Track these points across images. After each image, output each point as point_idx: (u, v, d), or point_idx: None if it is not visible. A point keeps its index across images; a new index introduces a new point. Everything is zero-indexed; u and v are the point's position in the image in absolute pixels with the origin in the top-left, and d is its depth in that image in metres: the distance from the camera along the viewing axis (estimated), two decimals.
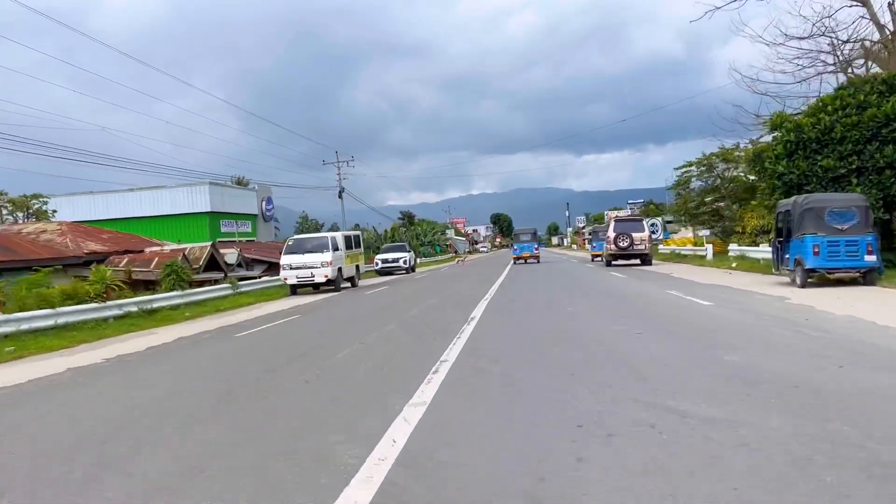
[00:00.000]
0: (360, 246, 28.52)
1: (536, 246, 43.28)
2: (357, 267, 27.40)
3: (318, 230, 66.01)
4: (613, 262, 29.46)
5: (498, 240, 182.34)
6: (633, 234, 28.22)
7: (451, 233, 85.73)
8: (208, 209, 45.09)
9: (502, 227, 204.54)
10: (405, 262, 38.39)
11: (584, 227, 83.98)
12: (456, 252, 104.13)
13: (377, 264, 38.49)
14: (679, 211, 33.87)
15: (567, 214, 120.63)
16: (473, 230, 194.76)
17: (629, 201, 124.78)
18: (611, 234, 28.64)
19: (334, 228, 77.47)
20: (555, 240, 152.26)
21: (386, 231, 64.91)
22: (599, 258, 38.09)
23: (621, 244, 28.20)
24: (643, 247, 28.41)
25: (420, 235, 68.39)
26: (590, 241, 53.06)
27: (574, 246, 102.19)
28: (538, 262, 40.88)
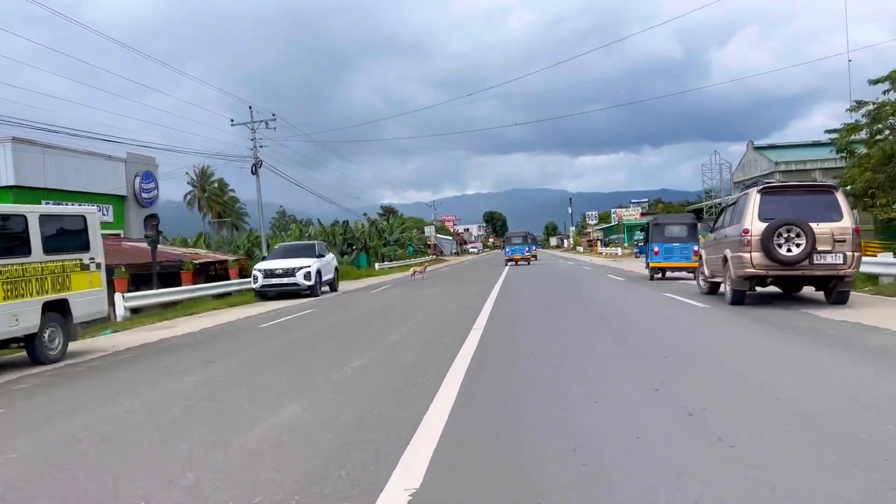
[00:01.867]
0: (83, 247, 10.28)
1: (527, 248, 42.60)
2: (44, 308, 9.36)
3: (300, 232, 47.67)
4: (749, 292, 11.71)
5: (491, 240, 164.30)
6: (818, 228, 10.49)
7: (430, 230, 67.74)
8: (12, 182, 27.22)
9: (496, 226, 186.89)
10: (309, 275, 20.40)
11: (594, 227, 65.83)
12: (440, 254, 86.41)
13: (255, 279, 20.52)
14: (851, 181, 16.18)
15: (569, 211, 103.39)
16: (465, 229, 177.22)
17: (632, 200, 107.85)
18: (751, 223, 10.87)
19: (299, 230, 61.31)
20: (553, 241, 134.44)
21: (335, 226, 46.93)
22: (661, 274, 20.32)
23: (787, 251, 10.47)
24: (840, 259, 10.62)
25: (384, 232, 50.43)
26: (638, 243, 36.16)
27: (579, 248, 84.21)
28: (528, 264, 40.23)
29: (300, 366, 7.63)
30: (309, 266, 20.34)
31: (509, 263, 39.55)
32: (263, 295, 20.43)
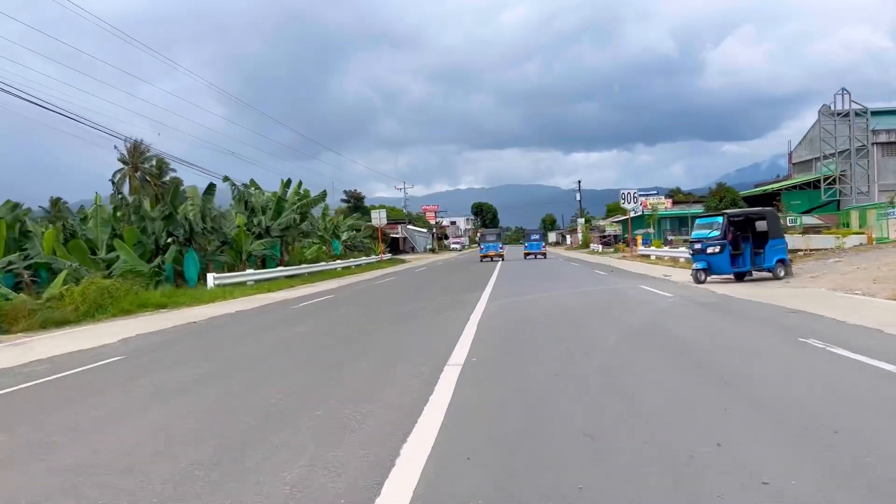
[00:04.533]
0: None
1: (501, 245, 42.05)
2: None
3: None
4: None
5: (479, 234, 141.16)
6: None
7: (378, 216, 43.97)
8: None
9: (485, 219, 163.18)
10: None
11: (629, 210, 41.53)
12: (411, 250, 63.13)
13: None
14: None
15: (578, 197, 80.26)
16: (451, 222, 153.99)
17: (640, 192, 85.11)
18: None
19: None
20: (552, 236, 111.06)
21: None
22: None
23: None
24: None
25: (260, 212, 26.24)
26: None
27: (595, 246, 60.77)
28: (503, 259, 40.27)
29: None
30: None
31: (484, 259, 40.19)
32: None
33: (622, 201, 37.14)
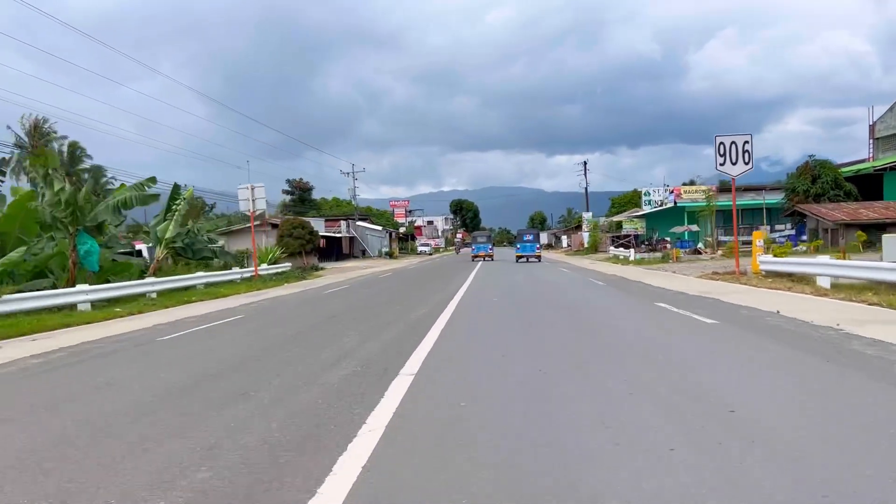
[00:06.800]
0: None
1: (491, 246, 46.53)
2: None
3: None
4: None
5: (460, 236, 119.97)
6: None
7: (252, 195, 23.60)
8: None
9: (466, 218, 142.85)
10: None
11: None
12: (363, 254, 43.29)
13: None
14: None
15: (584, 185, 60.88)
16: (428, 222, 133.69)
17: (646, 188, 67.80)
18: None
19: None
20: (543, 237, 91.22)
21: None
22: None
23: None
24: None
25: None
26: None
27: (616, 251, 40.77)
28: (493, 259, 43.47)
29: None
30: None
31: (476, 259, 43.19)
32: None
33: (720, 158, 16.95)
